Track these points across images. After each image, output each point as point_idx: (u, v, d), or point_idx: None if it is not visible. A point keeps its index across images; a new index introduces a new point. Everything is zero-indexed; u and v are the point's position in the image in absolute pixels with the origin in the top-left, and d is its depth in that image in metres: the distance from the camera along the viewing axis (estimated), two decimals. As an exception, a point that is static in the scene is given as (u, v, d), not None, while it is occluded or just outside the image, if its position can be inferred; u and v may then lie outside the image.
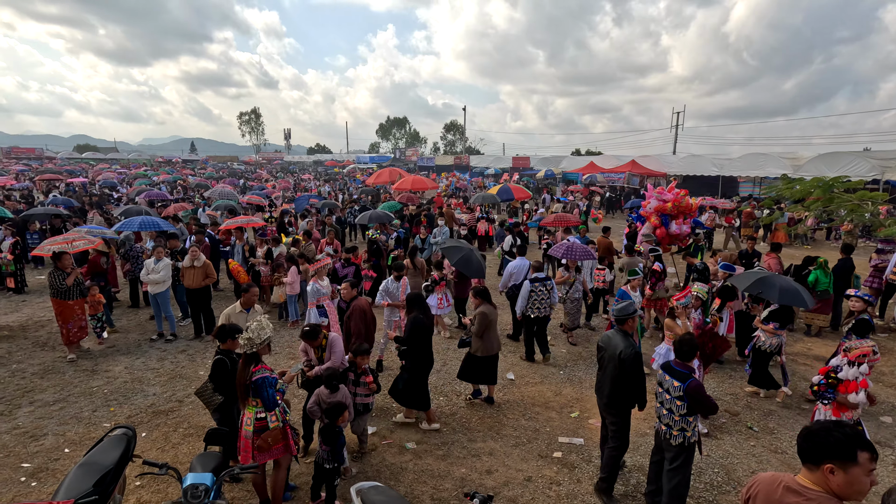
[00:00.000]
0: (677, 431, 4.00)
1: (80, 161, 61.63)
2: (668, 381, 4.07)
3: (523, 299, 7.49)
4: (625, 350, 4.42)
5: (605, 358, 4.65)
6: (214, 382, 4.50)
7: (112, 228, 10.93)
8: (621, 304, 4.93)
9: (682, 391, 3.92)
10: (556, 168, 37.78)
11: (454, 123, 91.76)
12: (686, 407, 3.93)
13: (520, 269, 8.29)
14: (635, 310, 4.87)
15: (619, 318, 4.74)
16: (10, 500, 4.46)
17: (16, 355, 7.72)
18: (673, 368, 4.10)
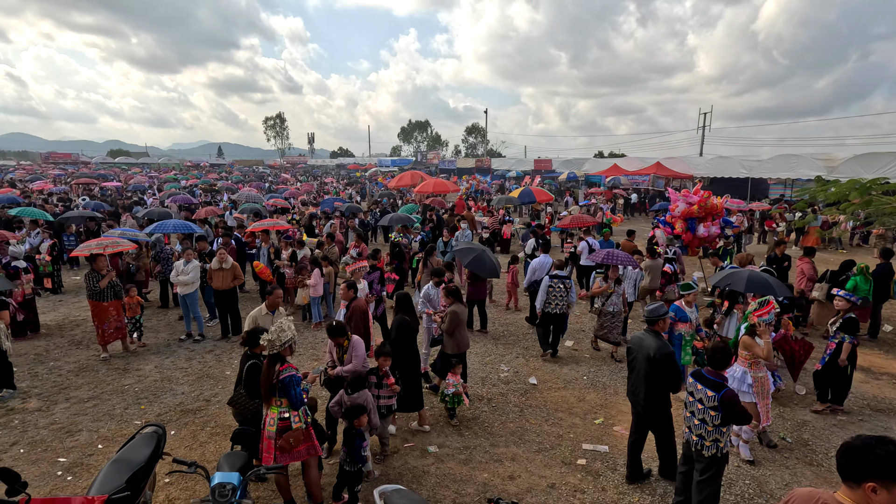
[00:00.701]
0: (710, 442, 3.88)
1: (113, 165, 63.76)
2: (700, 391, 3.95)
3: (542, 294, 7.78)
4: (658, 351, 4.35)
5: (636, 360, 4.58)
6: (248, 387, 4.52)
7: (144, 230, 11.27)
8: (653, 304, 4.84)
9: (716, 401, 3.80)
10: (579, 170, 37.37)
11: (475, 126, 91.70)
12: (720, 417, 3.81)
13: (542, 265, 8.68)
14: (667, 311, 4.79)
15: (651, 318, 4.67)
16: (48, 492, 4.62)
17: (53, 353, 8.01)
18: (705, 377, 3.97)
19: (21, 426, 5.80)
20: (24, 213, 13.42)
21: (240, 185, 32.02)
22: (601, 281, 7.98)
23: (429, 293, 7.03)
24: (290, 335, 4.07)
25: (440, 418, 6.08)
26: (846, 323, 6.04)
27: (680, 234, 10.04)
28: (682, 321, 6.61)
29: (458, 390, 5.88)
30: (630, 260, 8.19)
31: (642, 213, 27.75)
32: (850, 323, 6.03)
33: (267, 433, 4.01)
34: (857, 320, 6.10)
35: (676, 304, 6.73)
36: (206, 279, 8.69)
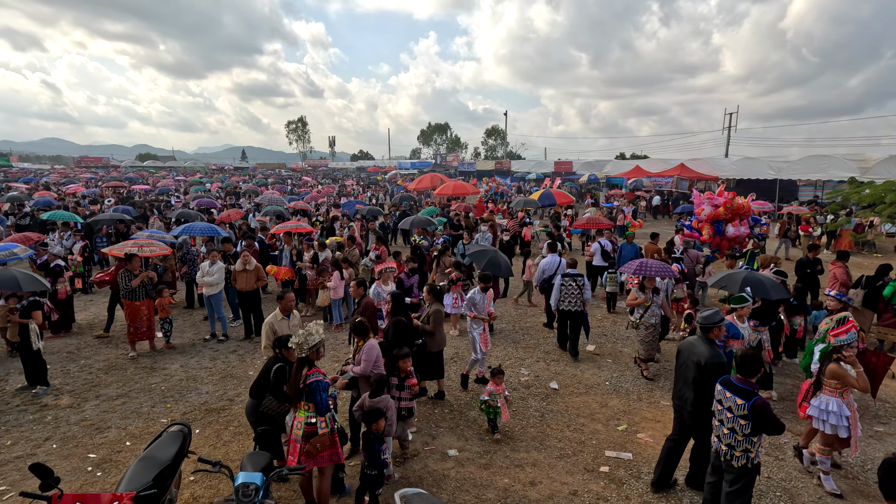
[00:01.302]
0: (740, 452, 3.75)
1: (142, 169, 65.60)
2: (729, 399, 3.83)
3: (556, 293, 8.03)
4: (709, 360, 4.25)
5: (685, 365, 4.48)
6: (276, 391, 4.57)
7: (171, 233, 11.54)
8: (707, 311, 4.69)
9: (746, 409, 3.68)
10: (600, 172, 36.96)
11: (495, 128, 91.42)
12: (751, 426, 3.68)
13: (551, 264, 9.04)
14: (722, 318, 4.65)
15: (705, 325, 4.55)
16: (79, 487, 4.74)
17: (84, 351, 8.25)
18: (735, 385, 3.85)
19: (54, 422, 5.98)
20: (56, 216, 13.88)
21: (262, 188, 32.56)
22: (637, 291, 7.38)
23: (474, 298, 6.93)
24: (318, 339, 4.09)
25: (460, 422, 6.05)
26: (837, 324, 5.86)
27: (709, 241, 9.77)
28: (735, 338, 5.93)
29: (492, 401, 5.59)
30: (666, 270, 7.51)
31: (665, 215, 27.25)
32: None
33: (294, 436, 4.04)
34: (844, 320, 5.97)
35: (728, 320, 5.92)
36: (230, 280, 8.85)
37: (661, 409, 6.39)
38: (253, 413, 4.78)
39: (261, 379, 4.78)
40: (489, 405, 5.62)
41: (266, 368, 4.75)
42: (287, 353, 4.72)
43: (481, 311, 6.89)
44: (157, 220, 15.78)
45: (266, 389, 4.67)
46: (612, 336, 9.06)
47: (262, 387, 4.73)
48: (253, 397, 4.80)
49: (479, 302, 6.92)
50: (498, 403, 5.62)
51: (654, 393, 6.83)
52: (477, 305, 6.91)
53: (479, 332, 6.87)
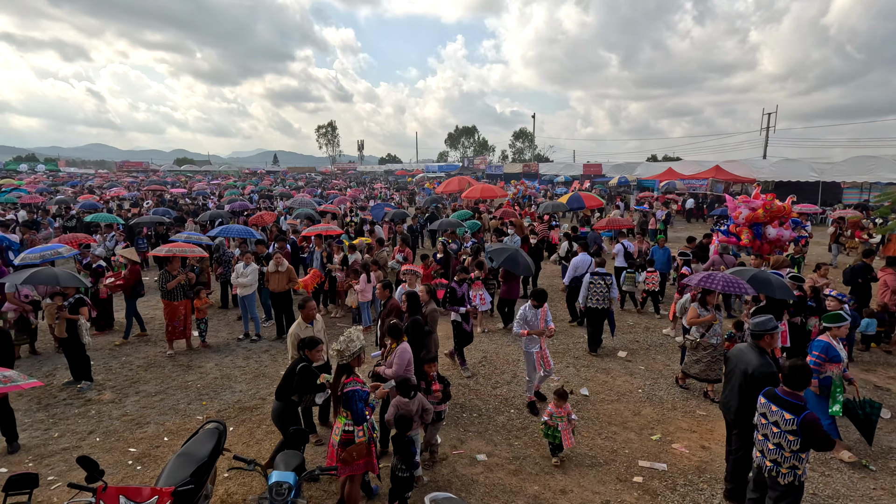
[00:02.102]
0: (787, 469, 3.57)
1: (179, 173, 67.96)
2: (775, 413, 3.64)
3: (584, 290, 8.27)
4: (758, 369, 4.10)
5: (733, 372, 4.34)
6: (301, 388, 4.66)
7: (207, 234, 11.89)
8: (760, 318, 4.49)
9: (795, 424, 3.49)
10: (631, 175, 36.26)
11: (523, 131, 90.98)
12: (800, 442, 3.50)
13: (582, 263, 9.30)
14: (775, 325, 4.46)
15: (757, 333, 4.38)
16: (120, 480, 4.91)
17: (124, 348, 8.57)
18: (781, 398, 3.65)
19: (97, 416, 6.22)
20: (99, 218, 14.51)
21: (294, 191, 33.26)
22: (699, 308, 6.69)
23: (525, 314, 6.43)
24: (360, 345, 4.11)
25: (489, 426, 6.00)
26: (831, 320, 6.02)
27: (748, 245, 9.41)
28: (834, 361, 5.24)
29: (552, 422, 5.16)
30: (737, 285, 6.41)
31: (700, 218, 26.50)
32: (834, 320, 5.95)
33: (332, 440, 4.09)
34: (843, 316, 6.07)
35: (825, 341, 5.37)
36: (263, 282, 9.04)
37: (697, 419, 6.19)
38: (279, 416, 4.82)
39: (285, 381, 4.83)
40: (548, 426, 5.18)
41: (290, 370, 4.81)
42: (310, 354, 4.79)
43: (534, 326, 6.39)
44: (191, 223, 16.30)
45: (287, 390, 4.74)
46: (645, 343, 8.84)
47: (287, 389, 4.79)
48: (279, 400, 4.84)
49: (532, 318, 6.44)
50: (559, 426, 5.13)
51: (689, 402, 6.62)
52: (529, 322, 6.43)
53: (535, 350, 6.35)
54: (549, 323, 6.46)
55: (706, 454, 5.43)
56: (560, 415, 5.15)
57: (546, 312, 6.47)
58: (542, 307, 6.46)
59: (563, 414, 5.16)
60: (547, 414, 5.22)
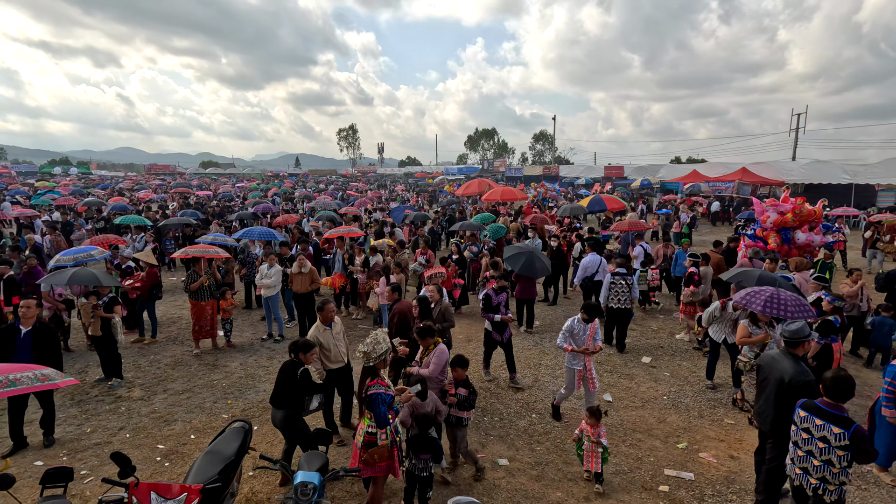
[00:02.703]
0: (835, 486, 3.40)
1: (205, 176, 69.55)
2: (821, 427, 3.45)
3: (605, 291, 8.44)
4: (795, 377, 3.96)
5: (767, 381, 4.21)
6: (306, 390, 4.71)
7: (233, 236, 12.12)
8: (794, 323, 4.34)
9: (846, 438, 3.33)
10: (654, 177, 35.66)
11: (543, 133, 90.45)
12: (849, 457, 3.35)
13: (592, 263, 9.55)
14: (810, 333, 4.35)
15: (794, 340, 4.23)
16: (149, 476, 5.03)
17: (153, 347, 8.79)
18: (826, 411, 3.46)
19: (127, 413, 6.39)
20: (128, 220, 14.90)
21: (316, 193, 33.70)
22: (751, 325, 6.08)
23: (572, 327, 5.95)
24: (386, 347, 4.11)
25: (510, 430, 5.96)
26: (823, 324, 6.32)
27: (775, 250, 9.15)
28: None
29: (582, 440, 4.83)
30: (806, 310, 5.48)
31: (725, 221, 25.91)
32: (826, 325, 6.30)
33: (356, 441, 4.10)
34: (835, 322, 6.39)
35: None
36: (286, 283, 9.17)
37: (726, 427, 6.03)
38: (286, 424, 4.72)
39: (283, 388, 4.68)
40: (577, 442, 4.97)
41: (287, 376, 4.68)
42: (304, 357, 4.78)
43: (581, 343, 5.90)
44: (215, 225, 16.65)
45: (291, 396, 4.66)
46: (670, 349, 8.67)
47: (287, 395, 4.67)
48: (280, 407, 4.68)
49: (579, 333, 5.92)
50: (584, 445, 4.83)
51: (716, 411, 6.47)
52: (576, 336, 5.93)
53: (579, 368, 5.91)
54: (597, 340, 5.95)
55: (735, 464, 5.28)
56: (590, 436, 4.80)
57: (596, 329, 5.96)
58: (593, 322, 5.96)
59: (594, 436, 4.79)
60: (579, 430, 4.96)
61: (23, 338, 5.43)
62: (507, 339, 7.27)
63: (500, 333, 7.23)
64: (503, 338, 7.25)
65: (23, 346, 5.39)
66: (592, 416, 4.85)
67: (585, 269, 9.64)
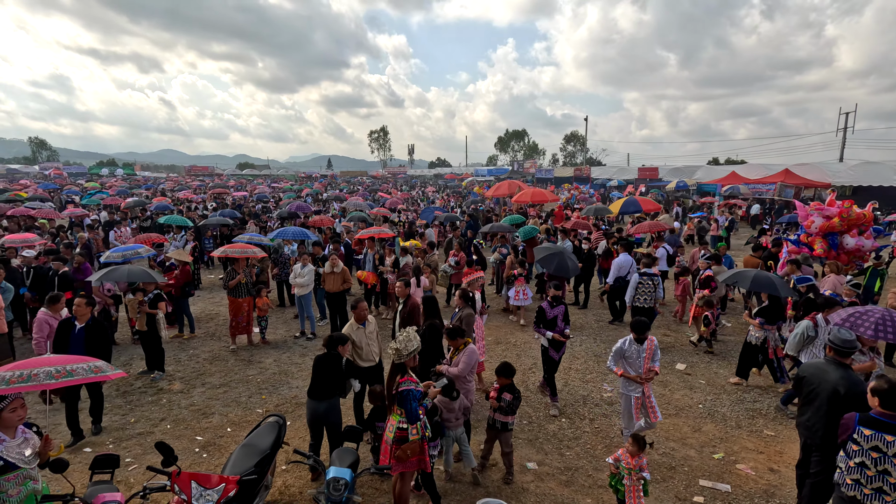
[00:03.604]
0: None
1: (241, 177, 71.68)
2: (894, 444, 3.26)
3: (632, 289, 8.48)
4: (851, 388, 3.82)
5: (815, 393, 4.04)
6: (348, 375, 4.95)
7: (268, 236, 12.46)
8: (843, 333, 4.15)
9: None
10: (690, 179, 34.64)
11: (574, 134, 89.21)
12: None
13: (625, 263, 9.63)
14: (855, 339, 4.15)
15: (844, 349, 4.05)
16: (188, 466, 5.22)
17: (192, 342, 9.12)
18: (891, 424, 3.29)
19: (168, 405, 6.66)
20: (171, 220, 15.52)
21: (347, 194, 34.26)
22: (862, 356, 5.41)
23: (623, 349, 5.33)
24: (416, 345, 4.17)
25: (539, 434, 5.91)
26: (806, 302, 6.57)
27: (822, 255, 8.77)
28: None
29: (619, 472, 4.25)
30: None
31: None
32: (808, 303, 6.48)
33: (386, 438, 4.16)
34: None
35: None
36: (319, 282, 9.37)
37: (765, 439, 5.82)
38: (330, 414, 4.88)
39: (324, 378, 4.84)
40: (612, 475, 4.33)
41: (326, 366, 4.84)
42: (341, 349, 4.96)
43: (637, 367, 5.25)
44: (252, 225, 17.16)
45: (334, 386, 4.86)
46: (705, 356, 8.42)
47: (326, 386, 4.84)
48: (324, 398, 4.84)
49: (634, 357, 5.26)
50: (624, 480, 4.18)
51: (755, 421, 6.24)
52: (629, 359, 5.29)
53: (636, 395, 5.27)
54: (655, 363, 5.26)
55: (774, 477, 5.09)
56: (630, 467, 4.17)
57: (653, 349, 5.26)
58: (648, 341, 5.28)
59: (635, 467, 4.16)
60: (614, 458, 4.31)
61: (77, 333, 5.73)
62: (562, 355, 6.64)
63: (557, 351, 6.53)
64: (559, 356, 6.57)
65: (77, 340, 5.69)
66: (635, 445, 4.21)
67: (619, 268, 9.73)
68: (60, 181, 44.97)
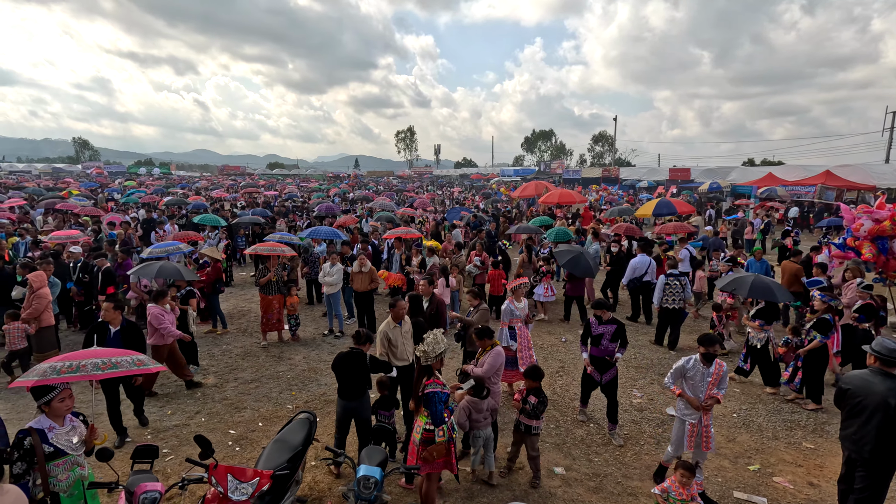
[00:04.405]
0: None
1: (271, 177, 73.23)
2: None
3: (659, 291, 8.60)
4: None
5: (863, 406, 3.88)
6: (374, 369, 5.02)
7: (299, 234, 12.71)
8: (887, 342, 3.99)
9: None
10: (724, 180, 33.64)
11: (602, 134, 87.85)
12: None
13: (641, 265, 9.67)
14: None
15: (890, 359, 3.87)
16: (221, 459, 5.37)
17: (225, 337, 9.37)
18: None
19: (202, 398, 6.86)
20: (205, 219, 15.97)
21: (373, 194, 34.59)
22: None
23: (685, 369, 4.79)
24: (443, 347, 4.20)
25: (567, 439, 5.85)
26: (819, 323, 6.59)
27: (870, 261, 8.39)
28: None
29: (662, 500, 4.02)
30: None
31: (805, 229, 24.01)
32: (822, 323, 6.57)
33: (413, 438, 4.20)
34: (830, 321, 6.59)
35: None
36: (347, 281, 9.50)
37: (804, 452, 5.61)
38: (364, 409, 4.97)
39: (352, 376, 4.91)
40: None
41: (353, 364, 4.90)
42: (365, 347, 5.02)
43: (698, 391, 4.71)
44: (282, 223, 17.50)
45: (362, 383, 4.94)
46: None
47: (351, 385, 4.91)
48: (356, 397, 4.91)
49: (698, 379, 4.70)
50: None
51: (793, 433, 6.02)
52: (691, 381, 4.75)
53: (692, 420, 4.72)
54: (720, 390, 4.70)
55: (814, 492, 4.90)
56: (683, 498, 3.87)
57: (720, 375, 4.68)
58: (717, 364, 4.70)
59: (687, 497, 3.88)
60: (662, 489, 4.05)
61: (112, 337, 5.74)
62: (611, 379, 5.90)
63: (599, 372, 5.91)
64: (602, 378, 5.90)
65: (113, 343, 5.68)
66: (687, 474, 3.92)
67: (634, 269, 9.73)
68: (102, 180, 46.86)
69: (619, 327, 5.85)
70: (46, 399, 3.35)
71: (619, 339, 5.85)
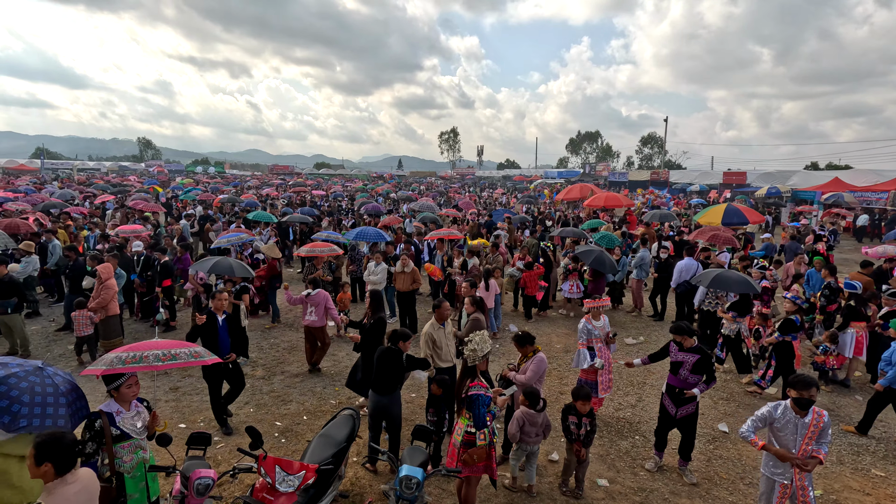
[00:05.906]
0: None
1: (318, 176, 75.31)
2: None
3: (701, 293, 8.67)
4: None
5: None
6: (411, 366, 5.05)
7: (346, 235, 13.00)
8: None
9: None
10: (783, 185, 31.81)
11: (652, 136, 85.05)
12: None
13: (687, 268, 9.67)
14: None
15: None
16: (268, 449, 5.55)
17: (273, 332, 9.70)
18: None
19: (251, 390, 7.11)
20: (258, 216, 16.62)
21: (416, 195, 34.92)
22: None
23: (773, 417, 3.93)
24: (488, 348, 4.19)
25: (611, 450, 5.68)
26: (785, 323, 6.85)
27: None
28: None
29: None
30: None
31: (875, 238, 22.33)
32: (787, 324, 6.82)
33: (453, 440, 4.20)
34: (795, 322, 6.85)
35: None
36: (390, 280, 9.62)
37: (872, 480, 5.21)
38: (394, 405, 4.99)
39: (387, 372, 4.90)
40: None
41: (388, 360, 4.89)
42: (402, 345, 4.96)
43: (790, 445, 3.83)
44: (327, 222, 17.96)
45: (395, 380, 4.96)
46: (800, 380, 7.68)
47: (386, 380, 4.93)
48: (389, 391, 4.94)
49: (789, 431, 3.84)
50: None
51: (861, 458, 5.60)
52: (779, 433, 3.89)
53: (783, 481, 3.89)
54: (821, 447, 3.80)
55: (885, 524, 4.54)
56: None
57: (821, 427, 3.78)
58: (815, 413, 3.81)
59: None
60: None
61: (221, 324, 6.11)
62: (688, 415, 5.08)
63: (675, 404, 5.10)
64: (677, 413, 5.09)
65: (222, 330, 6.08)
66: None
67: (681, 272, 9.70)
68: (163, 178, 49.67)
69: (703, 357, 4.94)
70: (116, 385, 3.58)
71: (703, 373, 4.96)
